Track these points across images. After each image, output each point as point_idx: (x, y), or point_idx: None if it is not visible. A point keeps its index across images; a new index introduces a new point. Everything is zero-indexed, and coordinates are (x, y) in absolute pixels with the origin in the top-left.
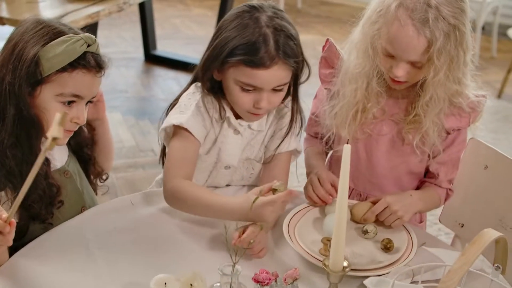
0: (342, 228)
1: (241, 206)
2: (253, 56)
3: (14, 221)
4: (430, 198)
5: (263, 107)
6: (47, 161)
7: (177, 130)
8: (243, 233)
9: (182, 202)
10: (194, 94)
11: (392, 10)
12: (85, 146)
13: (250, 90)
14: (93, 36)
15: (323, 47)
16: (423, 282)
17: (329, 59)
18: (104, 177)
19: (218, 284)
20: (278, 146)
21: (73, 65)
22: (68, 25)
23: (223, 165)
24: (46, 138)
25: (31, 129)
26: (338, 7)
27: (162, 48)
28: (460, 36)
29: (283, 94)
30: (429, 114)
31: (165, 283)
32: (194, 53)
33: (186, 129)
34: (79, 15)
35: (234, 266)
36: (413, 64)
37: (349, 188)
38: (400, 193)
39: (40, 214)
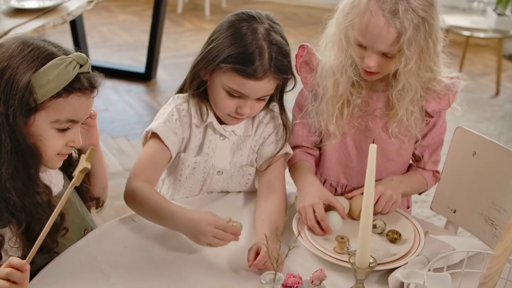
0: (368, 226)
1: (187, 221)
2: (247, 67)
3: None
4: (412, 181)
5: (245, 114)
6: (48, 189)
7: (151, 136)
8: (256, 255)
9: (138, 204)
10: (169, 104)
11: (364, 1)
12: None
13: (236, 96)
14: (84, 55)
15: (298, 52)
16: (438, 269)
17: (310, 62)
18: (101, 204)
19: None
20: (278, 151)
21: (67, 90)
22: (55, 44)
23: (215, 170)
24: (45, 166)
25: (29, 159)
26: (263, 5)
27: (94, 57)
28: (429, 28)
29: (264, 103)
30: (402, 102)
31: None
32: (129, 60)
33: (157, 135)
34: (25, 29)
35: (276, 274)
36: (384, 54)
37: (343, 184)
38: (382, 180)
39: (45, 244)
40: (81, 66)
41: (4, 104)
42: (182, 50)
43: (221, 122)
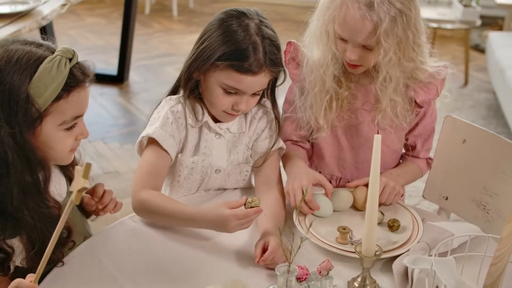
0: (374, 215)
1: (207, 217)
2: (243, 62)
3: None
4: (409, 172)
5: (242, 110)
6: (57, 204)
7: (148, 142)
8: (263, 251)
9: (150, 212)
10: (163, 107)
11: None
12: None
13: (232, 93)
14: (69, 47)
15: (286, 49)
16: (441, 254)
17: (296, 58)
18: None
19: (271, 287)
20: (272, 146)
21: (66, 90)
22: (35, 42)
23: (213, 169)
24: (58, 164)
25: (39, 175)
26: (230, 4)
27: None
28: (407, 19)
29: (258, 97)
30: (385, 93)
31: None
32: (100, 63)
33: (155, 141)
34: (1, 34)
35: (290, 265)
36: (364, 47)
37: (337, 177)
38: (382, 173)
39: (53, 258)
40: (70, 60)
41: (8, 123)
42: (152, 51)
43: (215, 120)
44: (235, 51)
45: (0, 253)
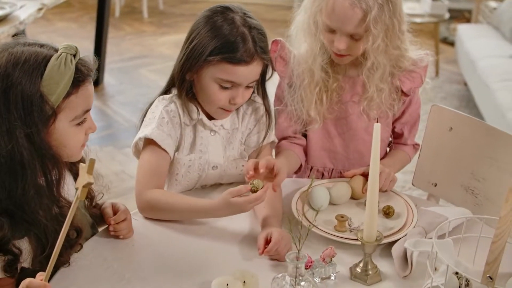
0: (374, 202)
1: (220, 206)
2: (234, 53)
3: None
4: (399, 160)
5: (238, 103)
6: (69, 203)
7: (146, 143)
8: (266, 242)
9: (159, 210)
10: (157, 107)
11: None
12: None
13: (228, 87)
14: (71, 44)
15: (272, 48)
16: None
17: (284, 55)
18: (100, 197)
19: (280, 275)
20: (264, 139)
21: (75, 85)
22: (37, 43)
23: (210, 166)
24: (69, 160)
25: (53, 175)
26: (200, 4)
27: None
28: (393, 7)
29: (252, 90)
30: (372, 79)
31: (227, 284)
32: None
33: (153, 141)
34: None
35: (299, 252)
36: (352, 36)
37: (329, 169)
38: None
39: (61, 261)
40: (74, 56)
41: (24, 124)
42: (125, 54)
43: (209, 117)
44: (225, 44)
45: (8, 254)
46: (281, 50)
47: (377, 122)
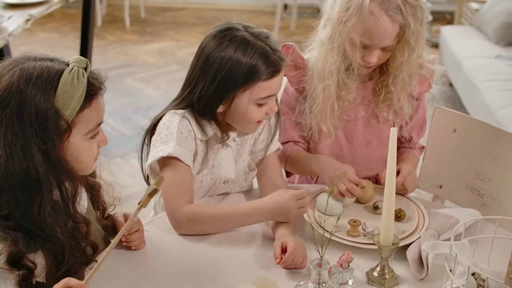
0: (391, 206)
1: (267, 206)
2: (266, 69)
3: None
4: (414, 163)
5: (275, 111)
6: (86, 220)
7: (166, 161)
8: (283, 251)
9: (200, 223)
10: (171, 123)
11: (366, 6)
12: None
13: (265, 103)
14: (81, 57)
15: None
16: (447, 240)
17: (296, 61)
18: (111, 209)
19: (303, 282)
20: (269, 147)
21: (88, 98)
22: (46, 57)
23: (221, 180)
24: (83, 174)
25: (68, 191)
26: (181, 11)
27: None
28: (421, 14)
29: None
30: (402, 90)
31: None
32: None
33: (175, 158)
34: None
35: (321, 259)
36: (384, 49)
37: None
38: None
39: (78, 277)
40: (85, 69)
41: (40, 140)
42: (109, 63)
43: (222, 131)
44: (253, 68)
45: (23, 269)
46: (293, 55)
47: (393, 126)
